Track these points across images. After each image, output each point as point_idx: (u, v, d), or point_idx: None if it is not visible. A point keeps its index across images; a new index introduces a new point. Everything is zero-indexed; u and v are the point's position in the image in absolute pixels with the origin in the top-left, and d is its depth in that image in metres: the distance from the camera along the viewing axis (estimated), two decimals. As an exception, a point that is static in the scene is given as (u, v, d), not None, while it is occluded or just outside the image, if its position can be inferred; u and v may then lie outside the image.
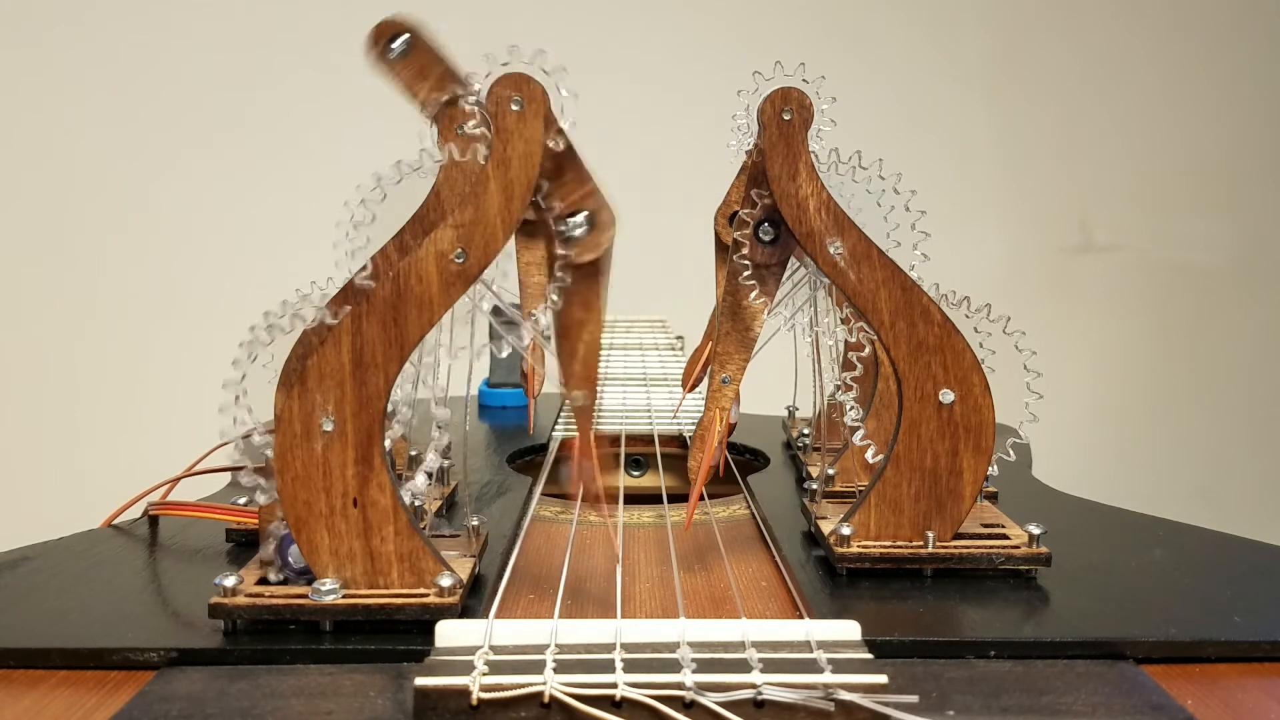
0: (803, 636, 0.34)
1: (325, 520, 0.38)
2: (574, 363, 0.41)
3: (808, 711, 0.30)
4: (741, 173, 0.54)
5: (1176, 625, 0.38)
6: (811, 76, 0.44)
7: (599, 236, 0.40)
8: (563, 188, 0.39)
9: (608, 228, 0.40)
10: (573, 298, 0.40)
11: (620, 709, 0.30)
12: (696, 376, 0.60)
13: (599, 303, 0.41)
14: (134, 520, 0.52)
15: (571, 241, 0.39)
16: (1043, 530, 0.44)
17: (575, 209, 0.39)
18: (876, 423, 0.53)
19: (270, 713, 0.32)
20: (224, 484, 0.60)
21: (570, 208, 0.39)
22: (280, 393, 0.40)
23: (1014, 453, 0.46)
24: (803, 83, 0.44)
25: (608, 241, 0.40)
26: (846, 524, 0.44)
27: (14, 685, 0.35)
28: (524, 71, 0.38)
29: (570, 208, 0.39)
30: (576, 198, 0.39)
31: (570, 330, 0.41)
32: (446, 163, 0.42)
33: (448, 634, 0.35)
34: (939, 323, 0.43)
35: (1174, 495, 1.48)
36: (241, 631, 0.37)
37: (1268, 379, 1.56)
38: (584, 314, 0.41)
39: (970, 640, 0.37)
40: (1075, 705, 0.32)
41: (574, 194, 0.39)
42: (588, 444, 0.42)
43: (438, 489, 0.54)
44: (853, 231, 0.43)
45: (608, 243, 0.40)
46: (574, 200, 0.39)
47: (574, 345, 0.41)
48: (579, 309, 0.41)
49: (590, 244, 0.40)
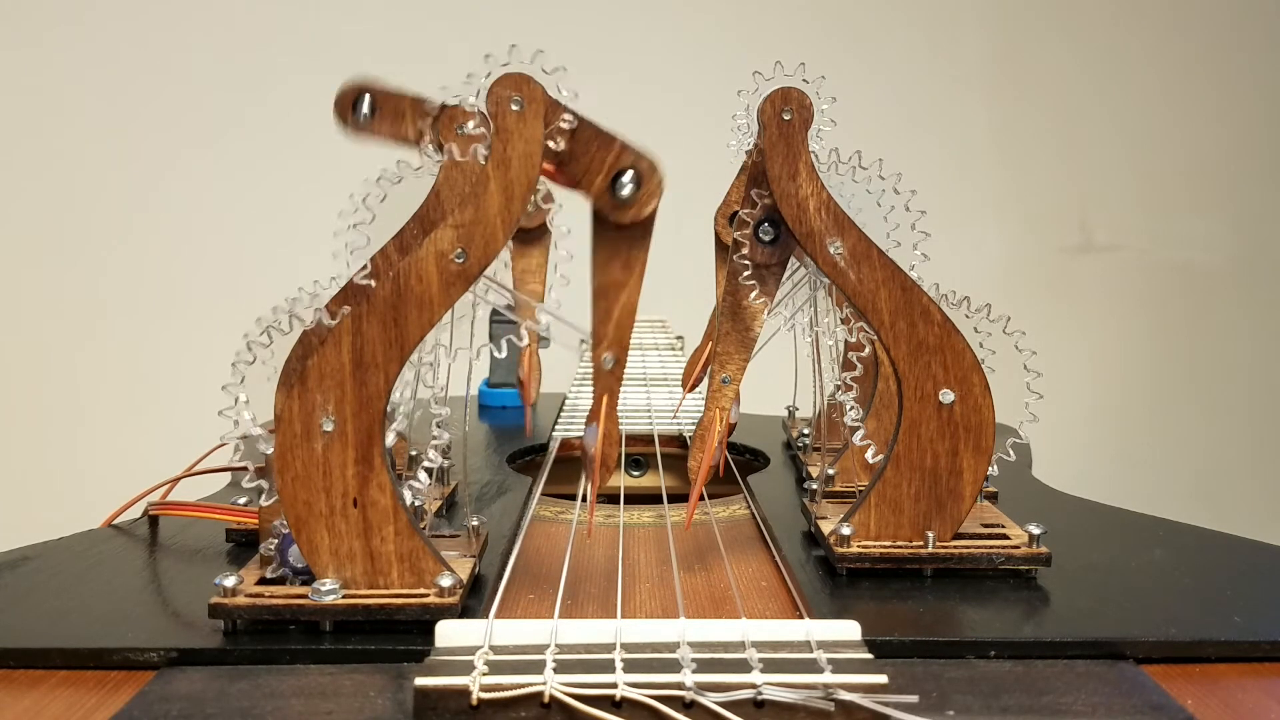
0: (803, 636, 0.34)
1: (325, 520, 0.38)
2: (607, 324, 0.41)
3: (808, 711, 0.30)
4: (741, 173, 0.54)
5: (1176, 625, 0.38)
6: (811, 76, 0.44)
7: (650, 186, 0.39)
8: (593, 159, 0.39)
9: (654, 174, 0.39)
10: (614, 257, 0.40)
11: (620, 709, 0.30)
12: (696, 376, 0.60)
13: (641, 264, 0.40)
14: (134, 520, 0.52)
15: (626, 203, 0.39)
16: (1043, 530, 0.44)
17: (616, 170, 0.39)
18: (876, 423, 0.53)
19: (270, 713, 0.32)
20: (224, 484, 0.60)
21: (610, 172, 0.39)
22: (280, 393, 0.40)
23: (1014, 453, 0.46)
24: (803, 83, 0.44)
25: (659, 187, 0.39)
26: (846, 524, 0.44)
27: (14, 685, 0.35)
28: (524, 71, 0.38)
29: (610, 172, 0.39)
30: (612, 160, 0.39)
31: (608, 290, 0.40)
32: (446, 163, 0.42)
33: (448, 634, 0.35)
34: (939, 323, 0.43)
35: (1174, 495, 1.48)
36: (241, 631, 0.37)
37: (1268, 379, 1.56)
38: (624, 275, 0.40)
39: (970, 640, 0.37)
40: (1075, 705, 0.32)
41: (607, 158, 0.39)
42: (613, 411, 0.42)
43: (438, 489, 0.54)
44: (853, 231, 0.43)
45: (660, 188, 0.39)
46: (610, 163, 0.39)
47: (609, 306, 0.40)
48: (620, 269, 0.40)
49: (646, 196, 0.39)
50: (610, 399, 0.41)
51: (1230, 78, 1.53)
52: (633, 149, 0.39)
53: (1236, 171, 1.54)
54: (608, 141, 0.39)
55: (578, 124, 0.38)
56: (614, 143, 0.39)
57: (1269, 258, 1.56)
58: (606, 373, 0.41)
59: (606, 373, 0.41)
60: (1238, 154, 1.54)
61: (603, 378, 0.41)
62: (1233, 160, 1.54)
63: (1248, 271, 1.55)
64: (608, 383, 0.41)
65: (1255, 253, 1.56)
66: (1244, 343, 1.56)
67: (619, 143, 0.39)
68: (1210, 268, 1.54)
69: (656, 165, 0.39)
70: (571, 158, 0.39)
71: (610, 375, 0.41)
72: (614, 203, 0.39)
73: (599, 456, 0.42)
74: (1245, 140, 1.54)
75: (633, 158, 0.39)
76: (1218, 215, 1.54)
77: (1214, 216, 1.54)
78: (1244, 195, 1.55)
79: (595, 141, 0.39)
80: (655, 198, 0.39)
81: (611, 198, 0.39)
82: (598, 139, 0.39)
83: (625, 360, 0.41)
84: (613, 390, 0.41)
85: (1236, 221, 1.55)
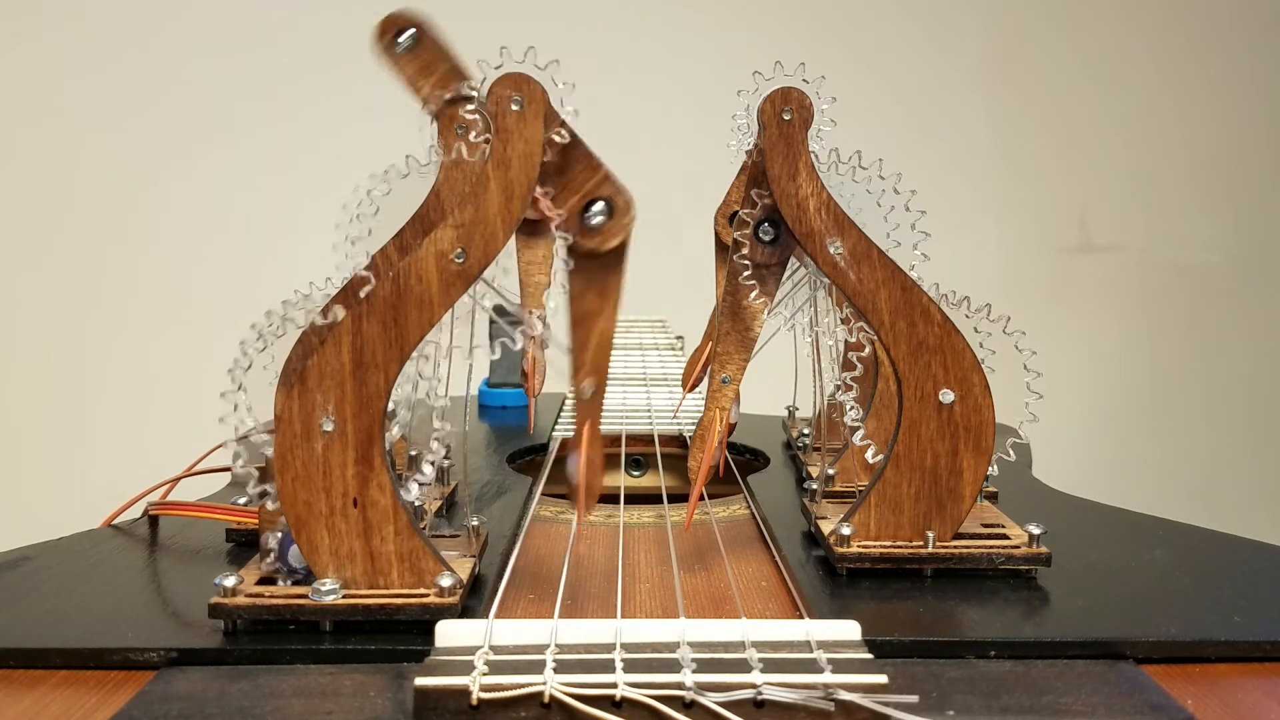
0: (803, 636, 0.34)
1: (325, 520, 0.38)
2: (584, 352, 0.41)
3: (808, 711, 0.30)
4: (741, 173, 0.54)
5: (1176, 625, 0.38)
6: (811, 76, 0.44)
7: (620, 221, 0.39)
8: (574, 179, 0.39)
9: (626, 212, 0.39)
10: (589, 286, 0.40)
11: (620, 709, 0.30)
12: (696, 376, 0.60)
13: (616, 293, 0.40)
14: (134, 520, 0.52)
15: (592, 231, 0.39)
16: (1043, 530, 0.44)
17: (591, 198, 0.39)
18: (876, 423, 0.53)
19: (270, 713, 0.32)
20: (224, 484, 0.60)
21: (585, 197, 0.39)
22: (280, 393, 0.40)
23: (1014, 453, 0.46)
24: (803, 83, 0.44)
25: (628, 225, 0.39)
26: (846, 524, 0.44)
27: (14, 685, 0.35)
28: (522, 71, 0.38)
29: (585, 197, 0.39)
30: (591, 186, 0.39)
31: (584, 319, 0.40)
32: (447, 162, 0.42)
33: (448, 634, 0.35)
34: (939, 323, 0.43)
35: (1174, 495, 1.48)
36: (241, 631, 0.37)
37: (1268, 379, 1.56)
38: (599, 303, 0.40)
39: (970, 640, 0.37)
40: (1075, 705, 0.32)
41: (587, 183, 0.39)
42: (595, 438, 0.42)
43: (438, 489, 0.54)
44: (853, 231, 0.43)
45: (628, 227, 0.39)
46: (588, 189, 0.39)
47: (586, 335, 0.40)
48: (594, 297, 0.40)
49: (612, 230, 0.39)
50: (592, 427, 0.41)
51: (1230, 78, 1.53)
52: (615, 182, 0.39)
53: (1236, 171, 1.54)
54: (594, 166, 0.39)
55: (570, 141, 0.39)
56: (599, 170, 0.39)
57: (1269, 258, 1.56)
58: (586, 401, 0.41)
59: (586, 401, 0.41)
60: (1238, 154, 1.54)
61: (583, 406, 0.41)
62: (1233, 160, 1.54)
63: (1248, 271, 1.55)
64: (588, 411, 0.41)
65: (1255, 253, 1.55)
66: (1244, 343, 1.56)
67: (604, 171, 0.39)
68: (1210, 268, 1.54)
69: (632, 204, 0.40)
70: (555, 171, 0.39)
71: (590, 403, 0.41)
72: (581, 227, 0.39)
73: (583, 484, 0.42)
74: (1245, 140, 1.54)
75: (612, 190, 0.39)
76: (1218, 215, 1.54)
77: (1214, 216, 1.54)
78: (1244, 195, 1.55)
79: (582, 163, 0.39)
80: (621, 234, 0.40)
81: (580, 221, 0.39)
82: (585, 161, 0.39)
83: (604, 389, 0.41)
84: (594, 419, 0.41)
85: (1236, 221, 1.55)
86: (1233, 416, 1.57)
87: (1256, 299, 1.56)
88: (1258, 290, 1.56)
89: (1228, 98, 1.53)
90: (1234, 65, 1.53)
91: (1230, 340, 1.56)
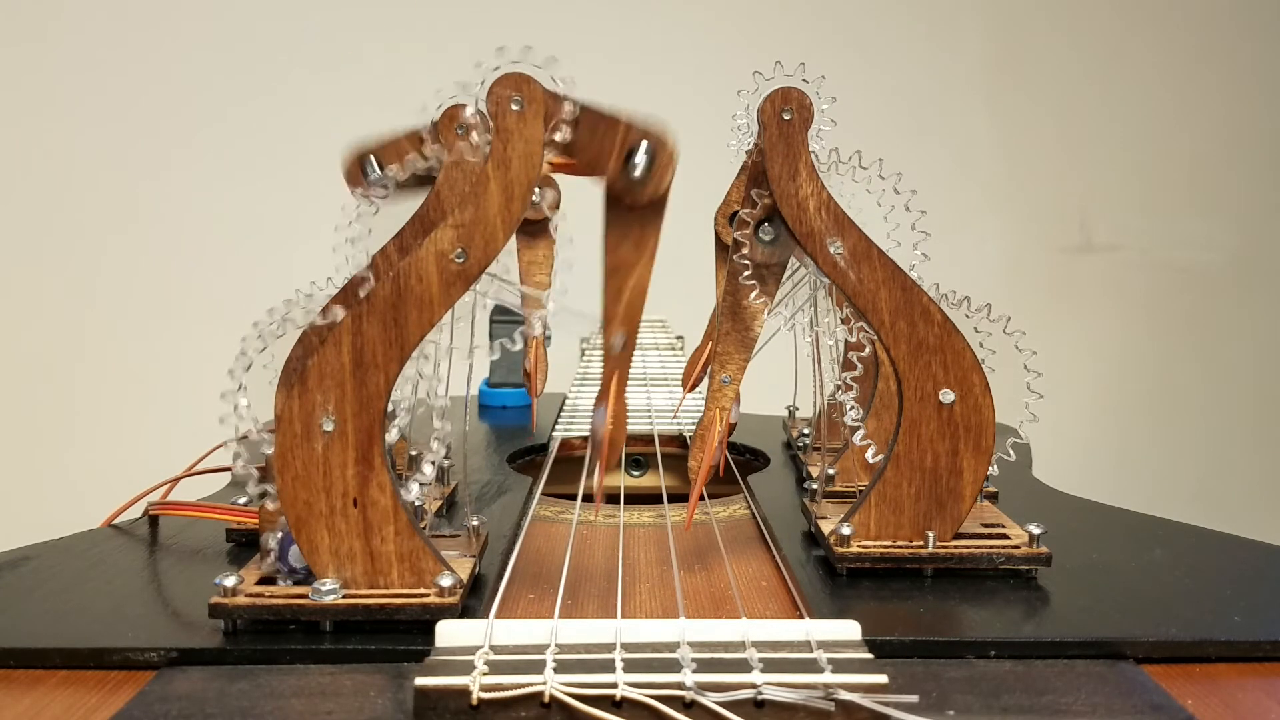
0: (803, 636, 0.34)
1: (325, 520, 0.38)
2: (616, 304, 0.40)
3: (808, 711, 0.30)
4: (741, 173, 0.54)
5: (1176, 625, 0.38)
6: (811, 76, 0.44)
7: (663, 158, 0.38)
8: (602, 142, 0.38)
9: (665, 145, 0.38)
10: (625, 237, 0.39)
11: (620, 709, 0.30)
12: (696, 376, 0.60)
13: (654, 244, 0.39)
14: (134, 520, 0.52)
15: (642, 180, 0.38)
16: (1043, 530, 0.44)
17: (627, 149, 0.38)
18: (876, 423, 0.53)
19: (270, 713, 0.32)
20: (224, 484, 0.60)
21: (621, 153, 0.38)
22: (280, 393, 0.40)
23: (1014, 453, 0.46)
24: (803, 83, 0.44)
25: (673, 158, 0.38)
26: (846, 524, 0.44)
27: (14, 685, 0.35)
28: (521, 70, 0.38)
29: (621, 153, 0.38)
30: (620, 139, 0.38)
31: (618, 270, 0.40)
32: (447, 163, 0.42)
33: (448, 634, 0.35)
34: (939, 323, 0.43)
35: (1174, 495, 1.48)
36: (241, 631, 0.37)
37: (1268, 379, 1.56)
38: (635, 255, 0.39)
39: (970, 640, 0.37)
40: (1075, 705, 0.32)
41: (615, 138, 0.38)
42: (621, 393, 0.41)
43: (438, 489, 0.54)
44: (853, 231, 0.43)
45: (673, 158, 0.38)
46: (620, 143, 0.38)
47: (619, 286, 0.40)
48: (631, 249, 0.39)
49: (659, 170, 0.38)
50: (620, 379, 0.41)
51: (1231, 78, 1.53)
52: (639, 124, 0.38)
53: (1237, 171, 1.54)
54: (612, 123, 0.38)
55: (580, 111, 0.38)
56: (619, 123, 0.38)
57: (1269, 258, 1.56)
58: (617, 354, 0.40)
59: (617, 354, 0.40)
60: (1238, 154, 1.54)
61: (611, 360, 0.40)
62: (1233, 160, 1.54)
63: (1248, 271, 1.55)
64: (617, 364, 0.40)
65: (1255, 253, 1.55)
66: (1244, 343, 1.56)
67: (624, 121, 0.38)
68: (1211, 268, 1.54)
69: (666, 136, 0.38)
70: (580, 146, 0.38)
71: (620, 357, 0.40)
72: (630, 183, 0.38)
73: (608, 438, 0.41)
74: (1246, 141, 1.54)
75: (640, 133, 0.38)
76: (1218, 215, 1.54)
77: (1214, 216, 1.54)
78: (1244, 195, 1.55)
79: (601, 125, 0.38)
80: (670, 168, 0.38)
81: (627, 178, 0.38)
82: (603, 122, 0.38)
83: (635, 341, 0.40)
84: (623, 371, 0.41)
85: (1237, 221, 1.55)
86: (1233, 416, 1.57)
87: (1256, 299, 1.56)
88: (1258, 290, 1.56)
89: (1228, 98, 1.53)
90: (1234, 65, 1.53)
91: (1230, 340, 1.56)
